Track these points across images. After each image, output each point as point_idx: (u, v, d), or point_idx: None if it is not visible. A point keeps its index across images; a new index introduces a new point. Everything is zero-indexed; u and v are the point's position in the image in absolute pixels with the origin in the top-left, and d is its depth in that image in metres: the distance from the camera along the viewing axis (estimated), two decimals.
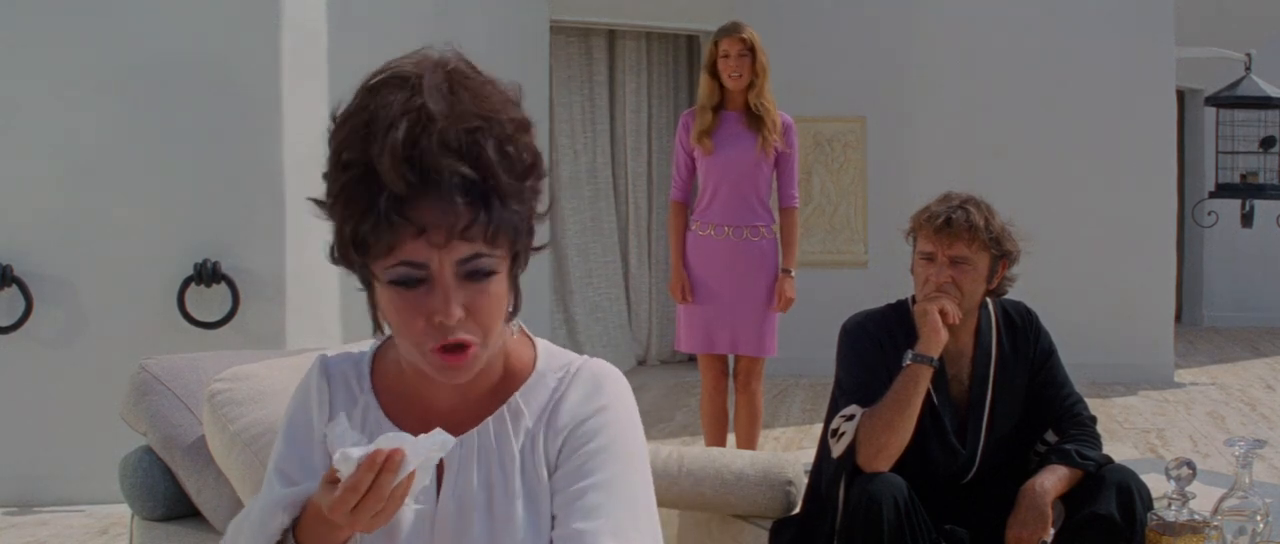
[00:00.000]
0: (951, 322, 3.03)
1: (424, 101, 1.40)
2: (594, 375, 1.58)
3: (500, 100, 1.45)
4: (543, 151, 1.50)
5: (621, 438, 1.56)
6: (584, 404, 1.56)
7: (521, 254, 1.48)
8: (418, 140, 1.38)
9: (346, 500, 1.39)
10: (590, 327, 8.44)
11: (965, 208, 3.06)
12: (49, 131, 5.07)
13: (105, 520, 4.82)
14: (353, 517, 1.40)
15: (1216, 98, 8.54)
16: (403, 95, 1.41)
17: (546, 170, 1.50)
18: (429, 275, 1.42)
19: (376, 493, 1.39)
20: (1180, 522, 2.65)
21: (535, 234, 1.49)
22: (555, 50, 8.17)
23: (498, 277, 1.44)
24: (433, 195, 1.38)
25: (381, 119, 1.39)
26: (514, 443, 1.55)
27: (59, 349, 5.11)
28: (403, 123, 1.38)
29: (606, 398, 1.57)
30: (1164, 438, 6.60)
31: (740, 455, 3.13)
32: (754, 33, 5.07)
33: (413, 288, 1.43)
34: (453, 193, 1.38)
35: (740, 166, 5.03)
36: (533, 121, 1.49)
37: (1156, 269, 8.43)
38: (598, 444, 1.54)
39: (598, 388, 1.57)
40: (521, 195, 1.44)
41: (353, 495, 1.39)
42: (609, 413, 1.56)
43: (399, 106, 1.40)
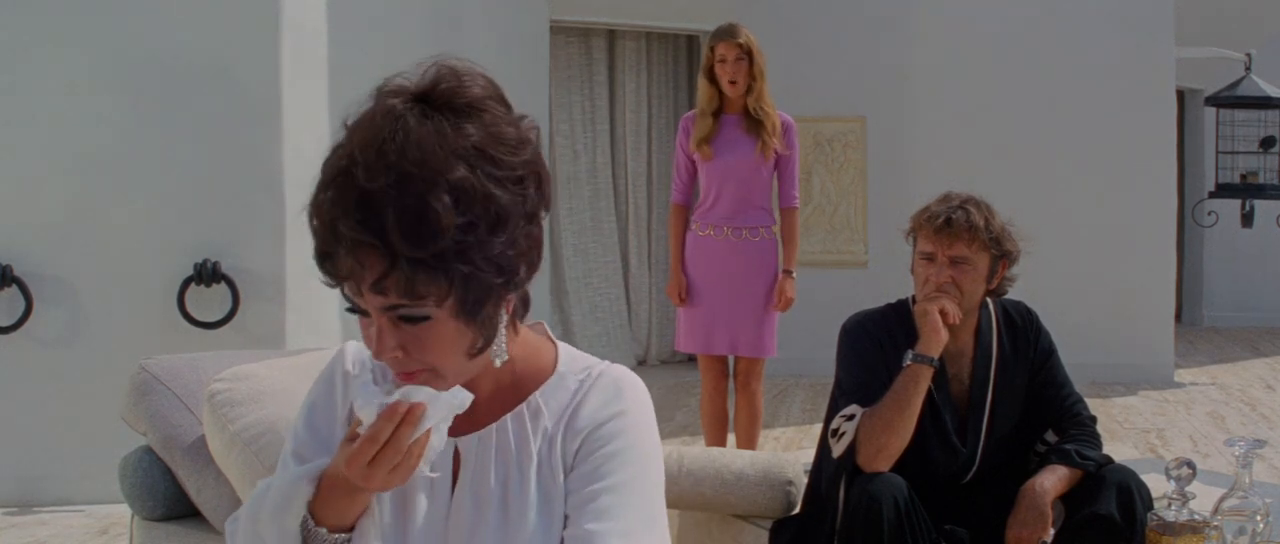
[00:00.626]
0: (951, 322, 3.03)
1: (355, 151, 1.39)
2: (615, 380, 1.60)
3: (458, 144, 1.40)
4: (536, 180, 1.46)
5: (638, 443, 1.57)
6: (603, 408, 1.57)
7: (480, 297, 1.44)
8: (334, 199, 1.39)
9: (365, 451, 1.42)
10: (589, 327, 8.44)
11: (965, 208, 3.06)
12: (49, 131, 5.07)
13: (105, 520, 4.82)
14: (370, 470, 1.43)
15: (1216, 98, 8.54)
16: (354, 140, 1.41)
17: (532, 207, 1.46)
18: (366, 309, 1.45)
19: (395, 445, 1.42)
20: (1180, 522, 2.65)
21: (509, 272, 1.45)
22: (555, 50, 8.17)
23: (435, 321, 1.43)
24: (343, 251, 1.40)
25: (327, 166, 1.42)
26: (532, 443, 1.57)
27: (59, 349, 5.11)
28: (330, 171, 1.41)
29: (625, 403, 1.58)
30: (1164, 438, 6.60)
31: (740, 455, 3.13)
32: (750, 35, 5.03)
33: (363, 316, 1.46)
34: (355, 252, 1.39)
35: (741, 171, 5.02)
36: (524, 162, 1.44)
37: (1156, 269, 8.43)
38: (614, 448, 1.55)
39: (618, 393, 1.58)
40: (456, 253, 1.39)
41: (371, 446, 1.42)
42: (627, 418, 1.57)
43: (340, 154, 1.41)
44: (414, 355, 1.45)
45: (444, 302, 1.41)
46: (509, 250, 1.43)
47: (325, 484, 1.50)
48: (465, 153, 1.40)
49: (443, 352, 1.46)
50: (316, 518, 1.51)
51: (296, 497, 1.51)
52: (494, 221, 1.41)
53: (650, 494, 1.56)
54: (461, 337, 1.46)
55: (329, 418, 1.61)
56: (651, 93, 8.85)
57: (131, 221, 5.08)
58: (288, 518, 1.50)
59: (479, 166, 1.40)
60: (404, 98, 1.43)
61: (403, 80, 1.45)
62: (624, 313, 8.73)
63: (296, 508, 1.50)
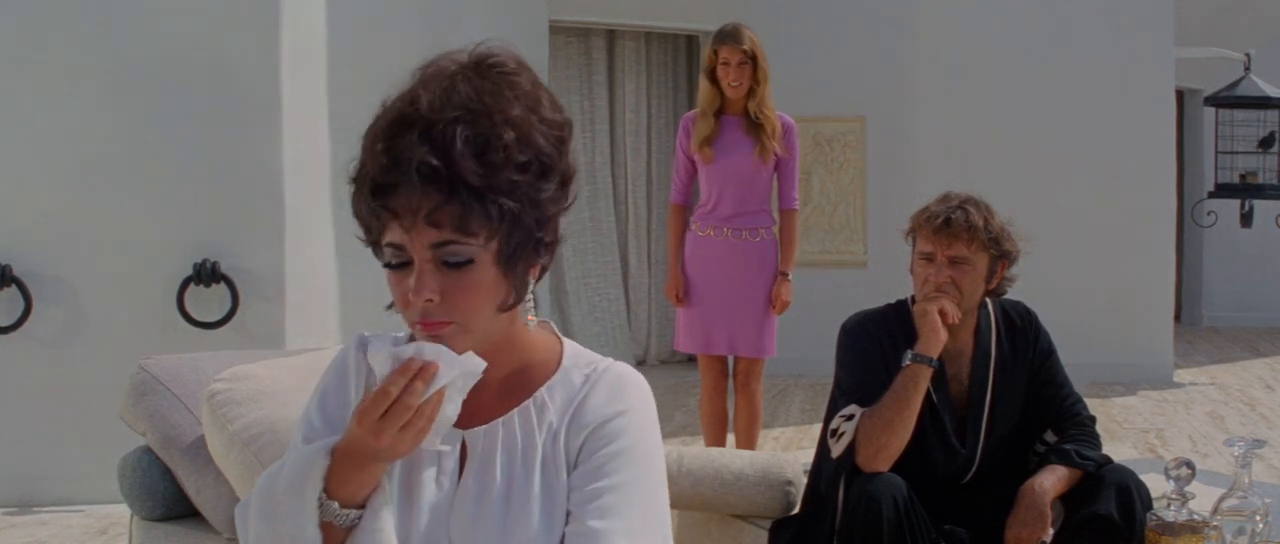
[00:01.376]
0: (951, 322, 3.03)
1: (419, 91, 1.48)
2: (619, 377, 1.63)
3: (513, 97, 1.50)
4: (570, 156, 1.56)
5: (641, 442, 1.60)
6: (607, 405, 1.59)
7: (520, 248, 1.50)
8: (398, 131, 1.46)
9: (378, 403, 1.44)
10: (589, 327, 8.44)
11: (964, 208, 3.06)
12: (49, 131, 5.07)
13: (104, 521, 4.82)
14: (381, 424, 1.45)
15: (1216, 98, 8.54)
16: (415, 89, 1.50)
17: (568, 172, 1.55)
18: (409, 258, 1.48)
19: (406, 400, 1.44)
20: (1179, 522, 2.65)
21: (546, 230, 1.53)
22: (554, 50, 8.17)
23: (476, 266, 1.48)
24: (404, 183, 1.45)
25: (389, 110, 1.49)
26: (537, 438, 1.59)
27: (58, 349, 5.11)
28: (393, 109, 1.48)
29: (630, 401, 1.61)
30: (1163, 438, 6.61)
31: (740, 455, 3.14)
32: (754, 38, 4.99)
33: (399, 270, 1.50)
34: (417, 180, 1.44)
35: (741, 173, 5.01)
36: (563, 124, 1.55)
37: (1156, 269, 8.43)
38: (618, 446, 1.58)
39: (622, 390, 1.61)
40: (509, 190, 1.47)
41: (384, 399, 1.44)
42: (631, 416, 1.60)
43: (400, 103, 1.49)
44: (450, 302, 1.49)
45: (490, 243, 1.47)
46: (549, 204, 1.52)
47: (337, 457, 1.51)
48: (520, 101, 1.50)
49: (478, 302, 1.50)
50: (329, 492, 1.51)
51: (314, 469, 1.51)
52: (542, 169, 1.50)
53: (653, 492, 1.58)
54: (497, 288, 1.51)
55: (342, 404, 1.61)
56: (651, 93, 8.85)
57: (131, 221, 5.08)
58: (306, 490, 1.50)
59: (531, 115, 1.51)
60: (457, 62, 1.52)
61: (450, 54, 1.54)
62: (623, 313, 8.73)
63: (315, 479, 1.51)
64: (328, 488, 1.51)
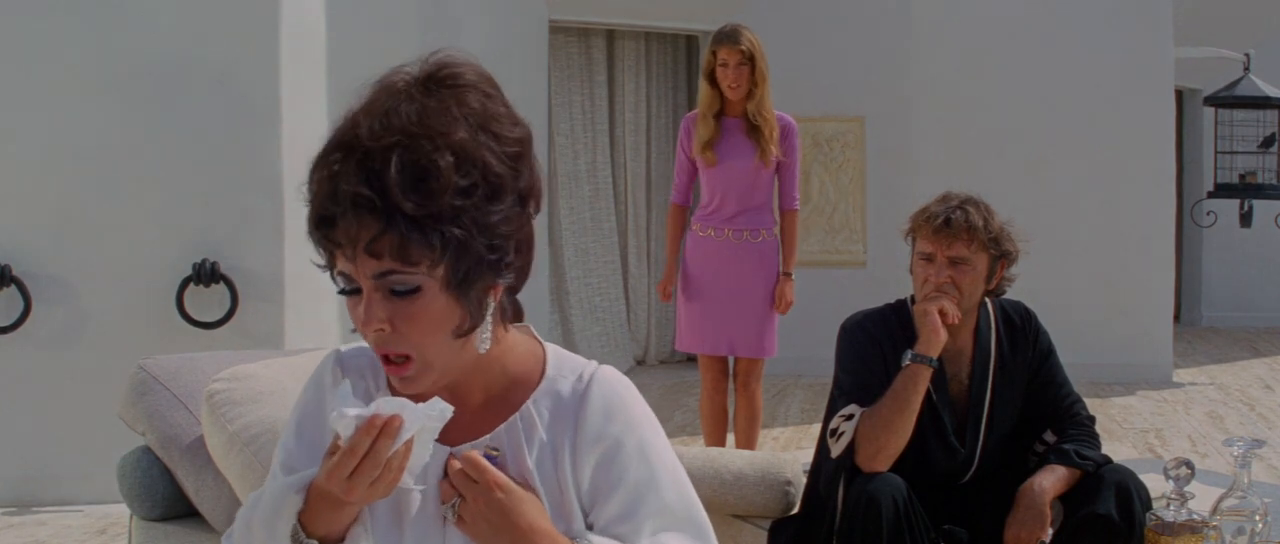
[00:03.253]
0: (951, 322, 3.03)
1: (359, 117, 1.47)
2: (608, 386, 1.60)
3: (459, 115, 1.46)
4: (531, 169, 1.52)
5: (650, 439, 1.61)
6: (608, 423, 1.58)
7: (471, 272, 1.47)
8: (338, 160, 1.45)
9: (345, 464, 1.43)
10: (588, 327, 8.43)
11: (964, 208, 3.06)
12: (49, 132, 5.07)
13: (104, 521, 4.82)
14: (349, 483, 1.43)
15: (1215, 97, 8.53)
16: (359, 111, 1.48)
17: (528, 187, 1.51)
18: (358, 286, 1.47)
19: (373, 459, 1.42)
20: (1179, 522, 2.65)
21: (502, 250, 1.49)
22: (554, 50, 8.17)
23: (423, 293, 1.46)
24: (342, 214, 1.43)
25: (332, 135, 1.48)
26: (527, 454, 1.57)
27: (57, 349, 5.11)
28: (333, 139, 1.47)
29: (629, 412, 1.60)
30: (1162, 438, 6.61)
31: (739, 455, 3.14)
32: (753, 39, 4.97)
33: (352, 296, 1.49)
34: (355, 211, 1.42)
35: (743, 175, 5.01)
36: (520, 140, 1.51)
37: (1155, 269, 8.43)
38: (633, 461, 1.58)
39: (618, 403, 1.60)
40: (451, 216, 1.43)
41: (351, 459, 1.43)
42: (633, 429, 1.60)
43: (342, 128, 1.48)
44: (401, 331, 1.47)
45: (435, 270, 1.45)
46: (502, 225, 1.48)
47: (313, 495, 1.50)
48: (466, 120, 1.46)
49: (429, 329, 1.48)
50: (307, 529, 1.51)
51: (286, 507, 1.51)
52: (491, 191, 1.46)
53: (670, 462, 1.62)
54: (449, 314, 1.48)
55: (318, 425, 1.60)
56: (651, 93, 8.84)
57: (130, 221, 5.07)
58: (278, 528, 1.50)
59: (479, 134, 1.47)
60: (406, 78, 1.49)
61: (403, 68, 1.51)
62: (623, 313, 8.73)
63: (286, 517, 1.50)
64: (304, 525, 1.51)
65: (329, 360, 1.64)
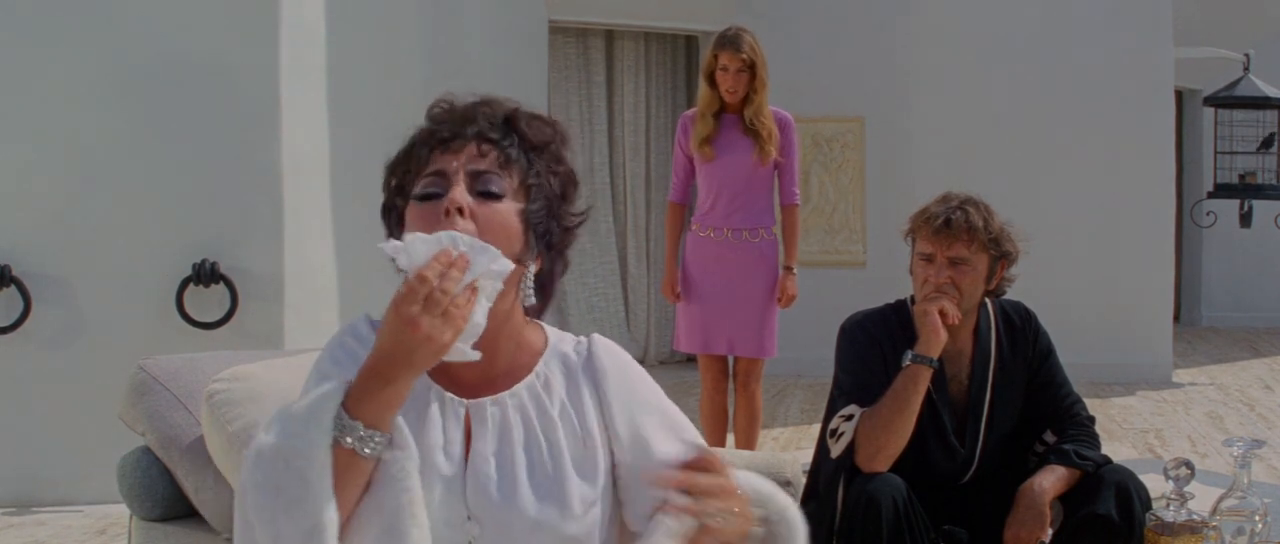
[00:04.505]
0: (951, 322, 3.03)
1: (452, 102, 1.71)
2: (603, 340, 1.78)
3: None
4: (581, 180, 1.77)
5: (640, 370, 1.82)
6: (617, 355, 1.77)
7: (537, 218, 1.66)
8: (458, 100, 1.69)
9: (417, 290, 1.47)
10: (587, 327, 8.38)
11: (964, 208, 3.06)
12: (48, 131, 5.06)
13: (104, 521, 4.82)
14: (422, 311, 1.47)
15: (1215, 98, 8.54)
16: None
17: (577, 203, 1.77)
18: (447, 184, 1.60)
19: (444, 286, 1.48)
20: (1178, 522, 2.65)
21: (558, 227, 1.71)
22: (553, 50, 8.17)
23: (505, 202, 1.62)
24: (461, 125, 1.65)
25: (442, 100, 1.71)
26: (551, 408, 1.68)
27: (57, 349, 5.10)
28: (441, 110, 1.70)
29: (621, 350, 1.80)
30: (1162, 438, 6.61)
31: (739, 455, 3.13)
32: (755, 45, 4.98)
33: (427, 202, 1.61)
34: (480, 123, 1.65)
35: (740, 172, 5.01)
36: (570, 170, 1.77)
37: (1155, 269, 8.43)
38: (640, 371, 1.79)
39: (612, 346, 1.79)
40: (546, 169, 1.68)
41: (423, 285, 1.47)
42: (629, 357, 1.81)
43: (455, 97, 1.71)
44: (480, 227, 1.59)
45: (517, 195, 1.64)
46: (568, 218, 1.74)
47: (362, 376, 1.52)
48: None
49: (502, 234, 1.60)
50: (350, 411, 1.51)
51: (325, 404, 1.51)
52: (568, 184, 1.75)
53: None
54: (512, 237, 1.62)
55: (356, 363, 1.60)
56: (650, 93, 8.84)
57: (130, 222, 5.07)
58: (316, 421, 1.50)
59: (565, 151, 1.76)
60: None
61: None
62: (621, 313, 8.73)
63: (328, 407, 1.51)
64: (348, 407, 1.51)
65: (361, 323, 1.72)
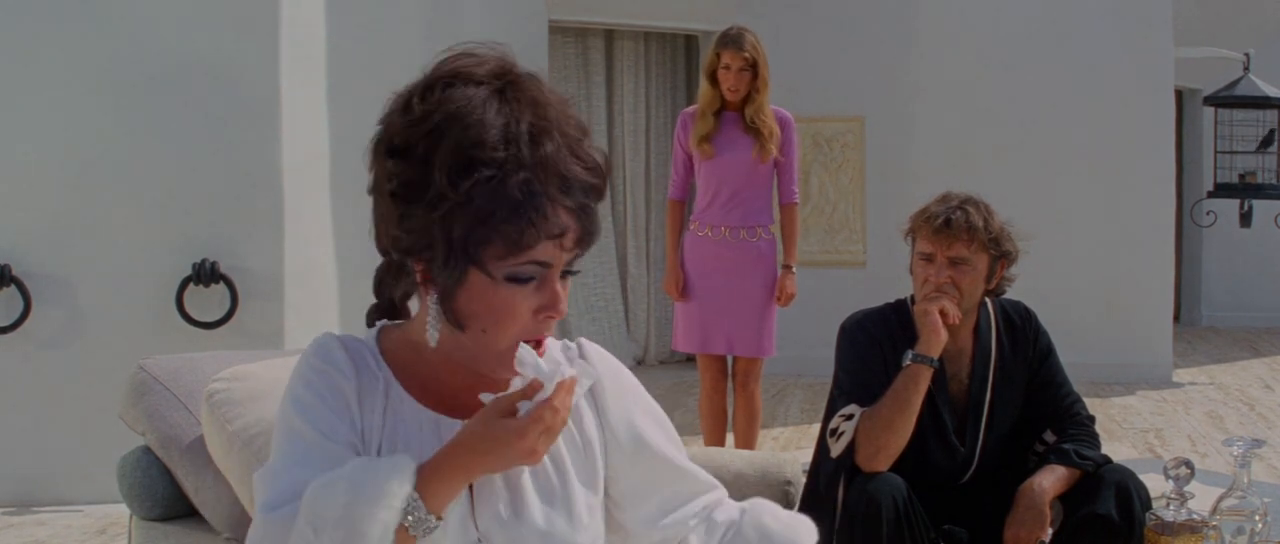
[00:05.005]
0: (951, 322, 3.03)
1: (528, 109, 1.50)
2: (596, 349, 1.75)
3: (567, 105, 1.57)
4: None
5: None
6: (617, 376, 1.74)
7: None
8: (547, 150, 1.48)
9: (546, 418, 1.46)
10: (585, 327, 8.43)
11: (964, 208, 3.06)
12: (48, 132, 5.07)
13: (103, 520, 4.82)
14: (543, 438, 1.47)
15: (1215, 97, 8.54)
16: (501, 102, 1.49)
17: None
18: (545, 273, 1.51)
19: (565, 415, 1.48)
20: (1178, 522, 2.65)
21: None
22: (552, 50, 8.17)
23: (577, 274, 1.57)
24: (567, 201, 1.48)
25: (492, 124, 1.47)
26: None
27: (57, 349, 5.10)
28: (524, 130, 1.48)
29: (623, 368, 1.78)
30: (1162, 438, 6.61)
31: (739, 455, 3.13)
32: (758, 44, 4.99)
33: (525, 283, 1.50)
34: (584, 199, 1.50)
35: (739, 170, 5.02)
36: None
37: (1155, 269, 8.43)
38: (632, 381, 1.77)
39: (610, 360, 1.76)
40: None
41: (552, 415, 1.47)
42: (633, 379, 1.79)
43: (508, 113, 1.48)
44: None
45: None
46: None
47: (435, 472, 1.48)
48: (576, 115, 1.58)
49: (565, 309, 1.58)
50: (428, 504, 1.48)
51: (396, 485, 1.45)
52: None
53: None
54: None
55: (338, 398, 1.56)
56: (649, 93, 8.84)
57: (130, 221, 5.07)
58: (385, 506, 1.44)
59: None
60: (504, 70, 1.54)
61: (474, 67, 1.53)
62: (620, 313, 8.73)
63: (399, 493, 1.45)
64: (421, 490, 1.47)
65: (330, 342, 1.60)
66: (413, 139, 1.48)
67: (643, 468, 1.71)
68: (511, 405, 1.48)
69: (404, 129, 1.49)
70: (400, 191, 1.49)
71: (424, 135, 1.48)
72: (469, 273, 1.49)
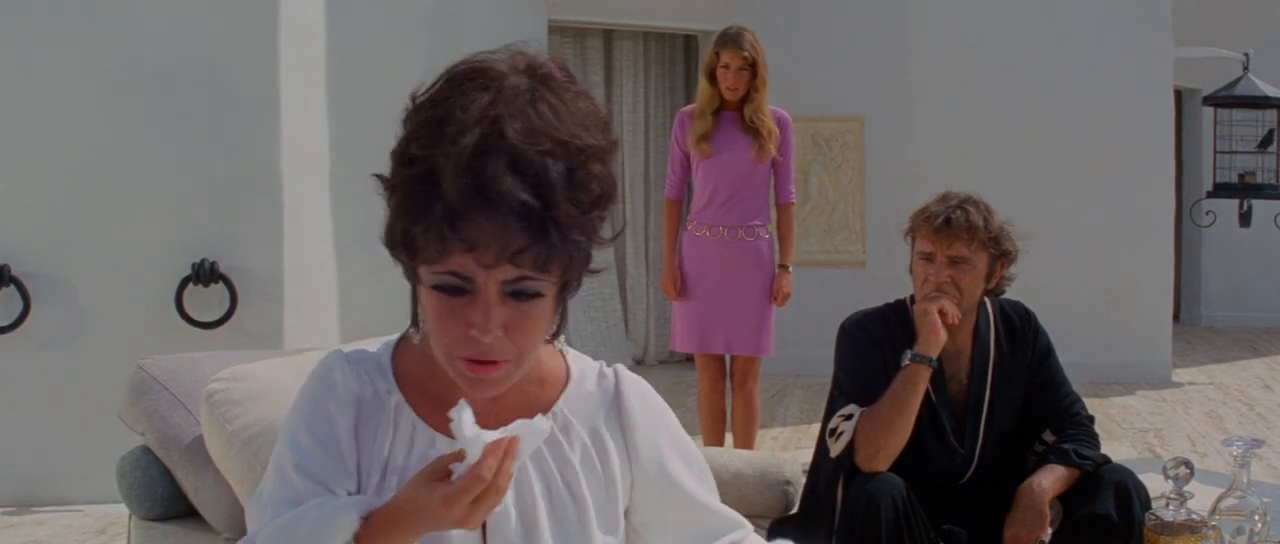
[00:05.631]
0: (951, 322, 3.03)
1: (500, 112, 1.36)
2: (632, 380, 1.65)
3: (584, 120, 1.41)
4: (619, 176, 1.51)
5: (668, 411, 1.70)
6: (646, 403, 1.64)
7: (573, 281, 1.45)
8: (485, 153, 1.34)
9: (472, 488, 1.35)
10: (583, 327, 8.43)
11: (964, 208, 3.06)
12: (48, 131, 5.06)
13: (103, 520, 4.82)
14: (474, 507, 1.37)
15: (1214, 97, 8.54)
16: (484, 98, 1.37)
17: (619, 197, 1.49)
18: (474, 288, 1.39)
19: (498, 482, 1.36)
20: (1178, 521, 2.65)
21: (592, 260, 1.46)
22: (552, 50, 8.09)
23: (543, 300, 1.41)
24: (489, 214, 1.34)
25: (454, 120, 1.36)
26: (571, 452, 1.57)
27: (57, 349, 5.10)
28: (474, 131, 1.35)
29: (657, 398, 1.67)
30: (1162, 438, 6.61)
31: (738, 455, 3.13)
32: (756, 42, 4.99)
33: (455, 296, 1.40)
34: (509, 216, 1.34)
35: (737, 169, 5.02)
36: (617, 144, 1.48)
37: (1154, 268, 8.43)
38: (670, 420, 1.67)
39: (646, 392, 1.66)
40: (584, 226, 1.40)
41: (479, 484, 1.35)
42: (667, 412, 1.68)
43: (476, 112, 1.36)
44: (511, 336, 1.41)
45: (558, 282, 1.41)
46: (603, 232, 1.46)
47: (376, 524, 1.43)
48: (593, 124, 1.42)
49: (536, 335, 1.44)
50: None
51: (338, 532, 1.42)
52: (609, 199, 1.44)
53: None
54: (550, 319, 1.46)
55: (330, 431, 1.52)
56: (649, 93, 8.84)
57: (129, 221, 5.07)
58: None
59: (603, 138, 1.44)
60: (514, 71, 1.41)
61: (492, 57, 1.42)
62: (619, 313, 8.73)
63: (338, 539, 1.42)
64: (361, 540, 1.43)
65: (335, 364, 1.56)
66: (404, 125, 1.43)
67: (667, 504, 1.64)
68: (445, 468, 1.39)
69: (411, 112, 1.43)
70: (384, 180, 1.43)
71: (410, 116, 1.42)
72: (417, 273, 1.43)
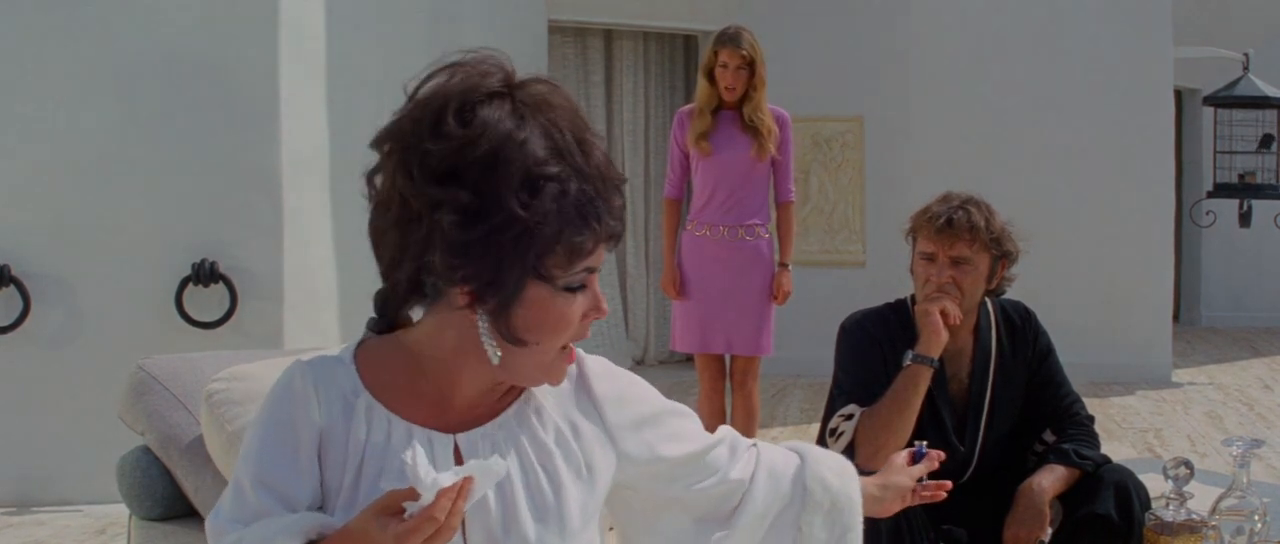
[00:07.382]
0: (952, 322, 3.03)
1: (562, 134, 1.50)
2: (593, 359, 1.72)
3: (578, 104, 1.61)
4: None
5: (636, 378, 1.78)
6: (611, 378, 1.71)
7: None
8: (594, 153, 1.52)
9: (423, 529, 1.38)
10: None
11: (966, 208, 3.06)
12: (47, 131, 5.06)
13: (103, 520, 4.82)
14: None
15: (1214, 97, 8.54)
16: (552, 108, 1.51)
17: None
18: (590, 277, 1.55)
19: (450, 523, 1.40)
20: (1178, 521, 2.65)
21: None
22: (552, 50, 8.17)
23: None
24: (618, 201, 1.53)
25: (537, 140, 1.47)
26: (542, 433, 1.63)
27: (57, 349, 5.10)
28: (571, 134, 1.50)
29: (623, 374, 1.75)
30: (1162, 438, 6.61)
31: None
32: (754, 42, 5.00)
33: (579, 290, 1.53)
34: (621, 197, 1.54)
35: (737, 168, 5.02)
36: None
37: (1154, 269, 8.43)
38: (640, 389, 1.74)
39: (609, 366, 1.73)
40: None
41: (431, 525, 1.38)
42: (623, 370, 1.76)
43: (550, 121, 1.49)
44: None
45: None
46: None
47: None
48: None
49: None
50: None
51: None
52: None
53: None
54: None
55: (292, 441, 1.56)
56: (649, 93, 8.84)
57: (129, 221, 5.07)
58: None
59: None
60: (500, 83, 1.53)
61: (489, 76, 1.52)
62: (619, 313, 8.73)
63: None
64: None
65: (297, 374, 1.59)
66: (461, 165, 1.44)
67: (660, 486, 1.76)
68: (397, 503, 1.42)
69: (447, 155, 1.45)
70: (461, 220, 1.44)
71: (475, 161, 1.44)
72: (528, 287, 1.48)
